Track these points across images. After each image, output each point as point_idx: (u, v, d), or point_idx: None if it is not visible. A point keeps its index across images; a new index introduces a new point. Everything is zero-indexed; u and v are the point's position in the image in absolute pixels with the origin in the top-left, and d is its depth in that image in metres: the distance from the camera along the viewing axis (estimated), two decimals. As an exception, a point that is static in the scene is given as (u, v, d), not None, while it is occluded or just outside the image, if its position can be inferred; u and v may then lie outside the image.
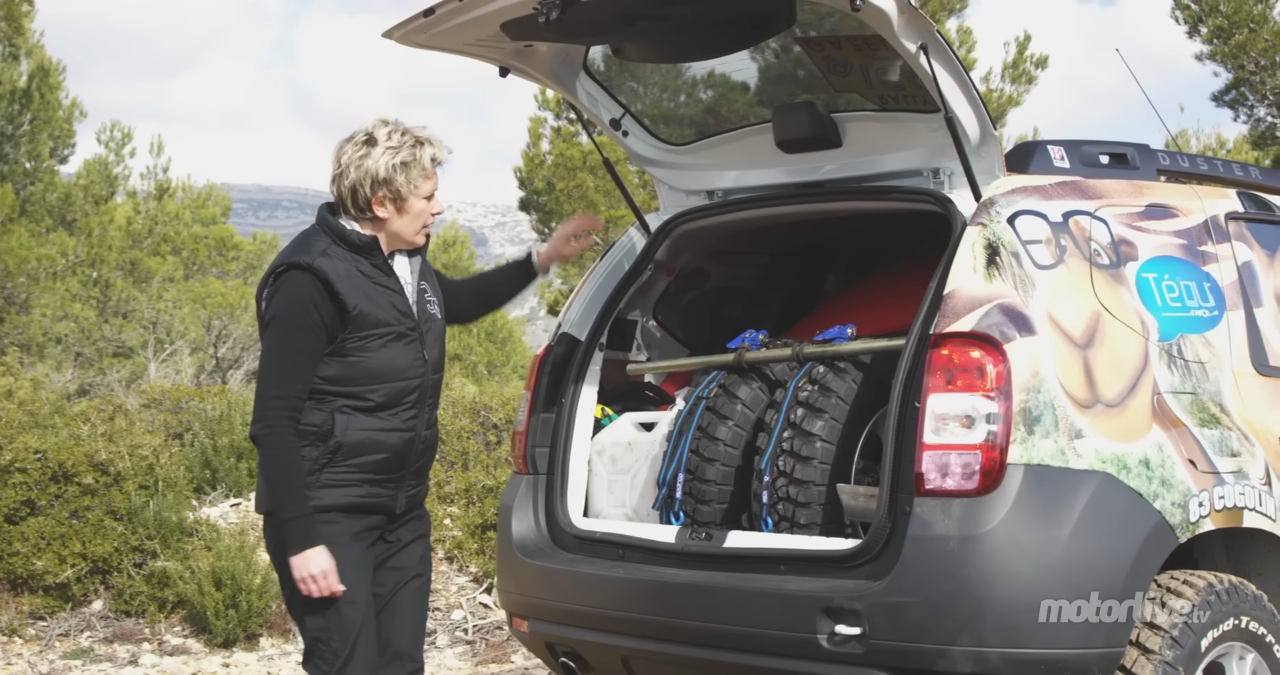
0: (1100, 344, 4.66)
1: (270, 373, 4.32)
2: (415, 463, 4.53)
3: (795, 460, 4.93)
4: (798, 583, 4.65)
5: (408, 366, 4.45)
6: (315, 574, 4.27)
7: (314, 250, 4.37)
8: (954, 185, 5.00)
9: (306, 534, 4.28)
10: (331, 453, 4.34)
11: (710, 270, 6.23)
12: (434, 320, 4.60)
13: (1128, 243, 4.96)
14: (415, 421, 4.49)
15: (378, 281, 4.43)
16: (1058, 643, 4.33)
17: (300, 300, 4.29)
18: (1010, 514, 4.33)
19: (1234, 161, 5.92)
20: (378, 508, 4.47)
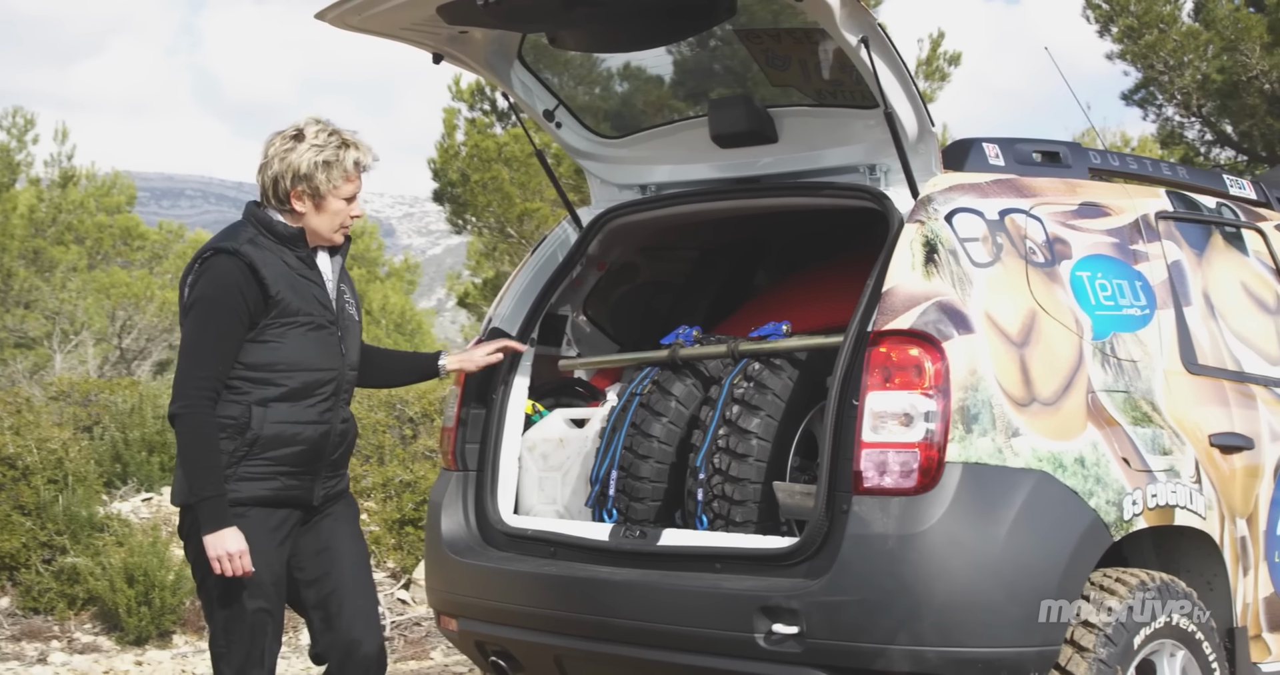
0: (1036, 342, 4.66)
1: (191, 354, 4.37)
2: (331, 455, 4.58)
3: (731, 458, 4.89)
4: (734, 581, 4.62)
5: (325, 357, 4.52)
6: (231, 552, 4.31)
7: (241, 238, 4.46)
8: (890, 182, 4.98)
9: (221, 514, 4.32)
10: (249, 445, 4.39)
11: (641, 265, 6.18)
12: (351, 320, 4.69)
13: (1062, 241, 4.97)
14: (330, 415, 4.55)
15: (301, 273, 4.51)
16: (995, 641, 4.33)
17: (225, 284, 4.37)
18: (948, 513, 4.32)
19: (1162, 161, 5.96)
20: (294, 501, 4.53)
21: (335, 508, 4.68)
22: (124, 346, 23.04)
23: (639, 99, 5.80)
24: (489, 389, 5.50)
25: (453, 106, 19.52)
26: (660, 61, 5.49)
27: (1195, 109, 16.56)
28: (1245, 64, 15.39)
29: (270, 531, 4.45)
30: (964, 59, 19.24)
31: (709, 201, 5.51)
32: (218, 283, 4.37)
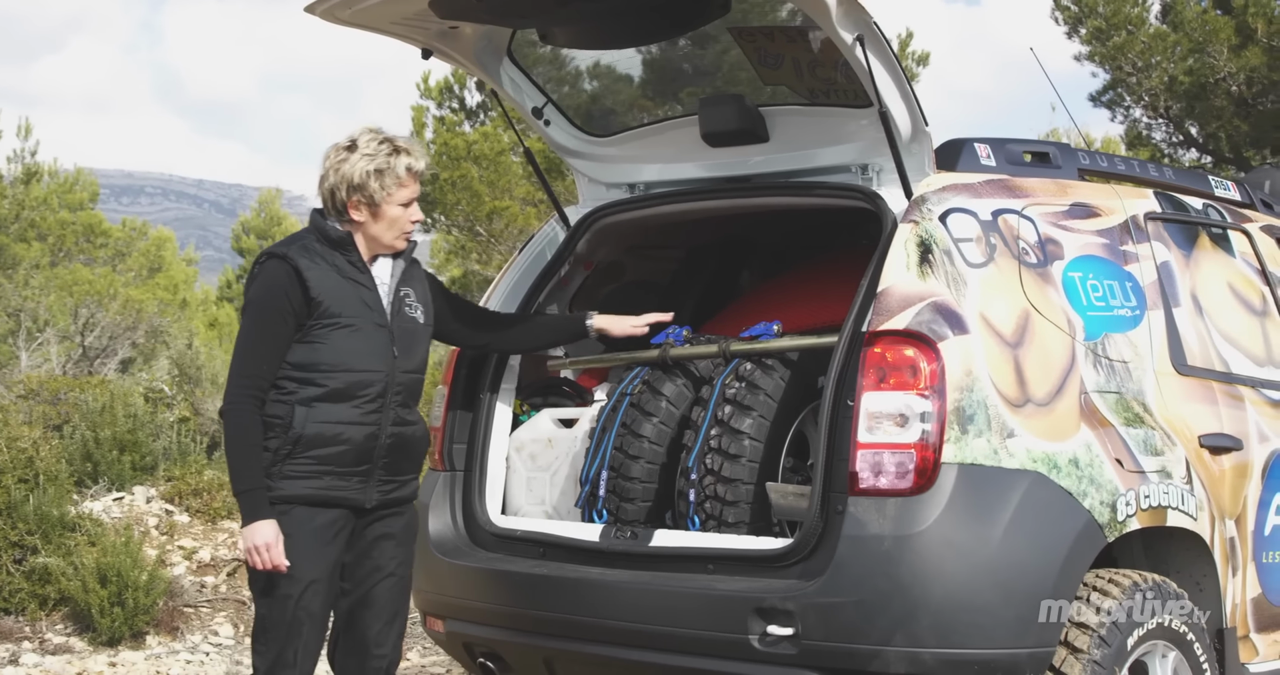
0: (1030, 343, 4.65)
1: (238, 354, 4.49)
2: (383, 458, 4.57)
3: (723, 458, 4.87)
4: (727, 582, 4.60)
5: (370, 359, 4.53)
6: (259, 545, 4.38)
7: (296, 244, 4.57)
8: (883, 182, 4.97)
9: (256, 507, 4.39)
10: (292, 444, 4.44)
11: (627, 264, 6.15)
12: (411, 322, 4.69)
13: (1054, 242, 4.97)
14: (378, 416, 4.54)
15: (349, 276, 4.58)
16: (991, 643, 4.32)
17: (272, 286, 4.47)
18: (945, 513, 4.31)
19: (1150, 162, 5.97)
20: (342, 501, 4.53)
21: (395, 526, 4.68)
22: (87, 344, 22.85)
23: (629, 97, 5.77)
24: (476, 389, 5.46)
25: (421, 104, 19.43)
26: (651, 60, 5.46)
27: (1163, 110, 16.61)
28: (1213, 66, 15.44)
29: (314, 531, 4.47)
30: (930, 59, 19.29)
31: (698, 201, 5.49)
32: (265, 286, 4.49)
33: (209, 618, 9.16)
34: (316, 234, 4.60)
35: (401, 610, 4.75)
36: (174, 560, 9.58)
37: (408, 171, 4.58)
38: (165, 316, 24.81)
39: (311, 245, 4.56)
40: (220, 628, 9.05)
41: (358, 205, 4.57)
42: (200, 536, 10.12)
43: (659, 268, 6.32)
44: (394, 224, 4.60)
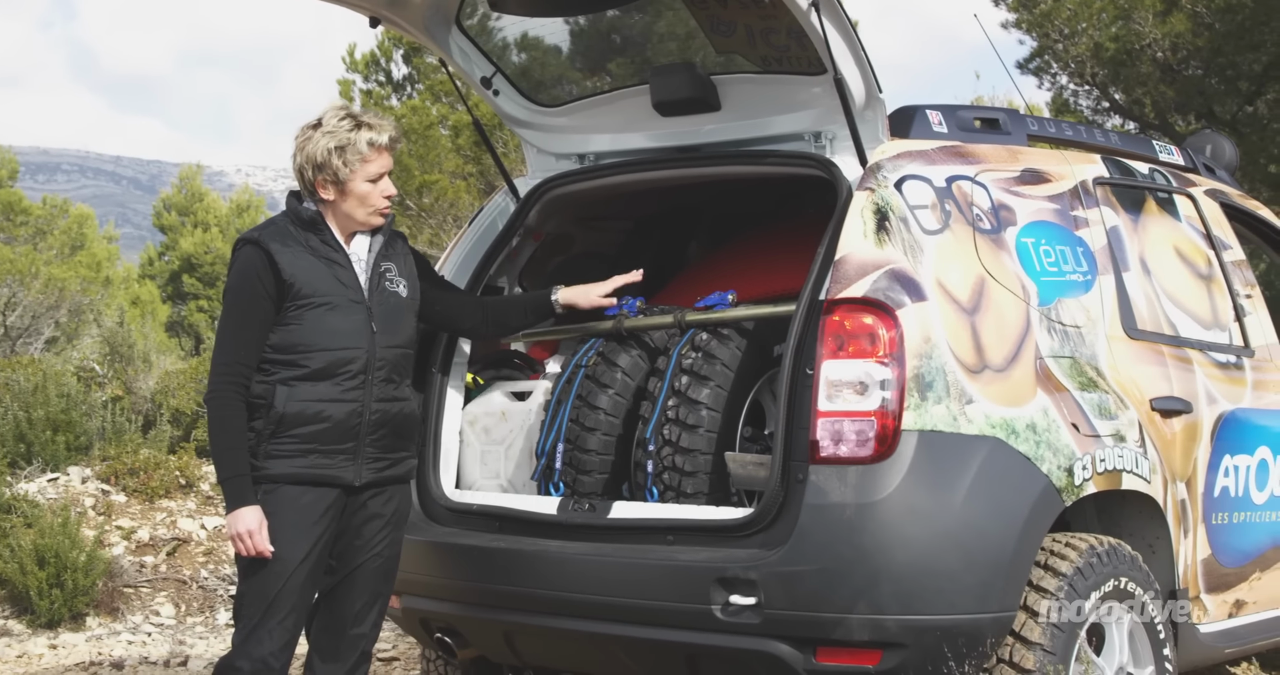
0: (986, 309, 4.66)
1: (219, 341, 4.51)
2: (369, 435, 4.55)
3: (681, 429, 4.85)
4: (689, 553, 4.58)
5: (346, 336, 4.51)
6: (242, 531, 4.38)
7: (270, 228, 4.58)
8: (836, 150, 4.96)
9: (240, 493, 4.41)
10: (275, 423, 4.44)
11: (576, 235, 6.11)
12: (392, 297, 4.67)
13: (1006, 208, 4.97)
14: (359, 393, 4.52)
15: (323, 256, 4.56)
16: (953, 608, 4.33)
17: (246, 272, 4.49)
18: (905, 480, 4.31)
19: (1095, 127, 5.98)
20: (330, 479, 4.51)
21: (386, 506, 4.66)
22: (9, 324, 22.50)
23: (578, 66, 5.72)
24: (427, 363, 5.39)
25: (347, 78, 19.27)
26: (601, 27, 5.41)
27: (1089, 77, 16.71)
28: (1138, 32, 15.54)
29: (301, 509, 4.46)
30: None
31: (648, 171, 5.45)
32: (240, 273, 4.51)
33: (149, 598, 9.06)
34: (291, 216, 4.60)
35: (384, 592, 4.72)
36: (112, 540, 9.47)
37: (370, 146, 4.54)
38: (88, 295, 24.50)
39: (286, 228, 4.56)
40: (161, 608, 8.96)
41: (324, 184, 4.56)
42: (138, 516, 10.00)
43: (608, 238, 6.29)
44: (364, 200, 4.58)
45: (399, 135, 4.65)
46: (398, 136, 4.63)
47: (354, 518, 4.61)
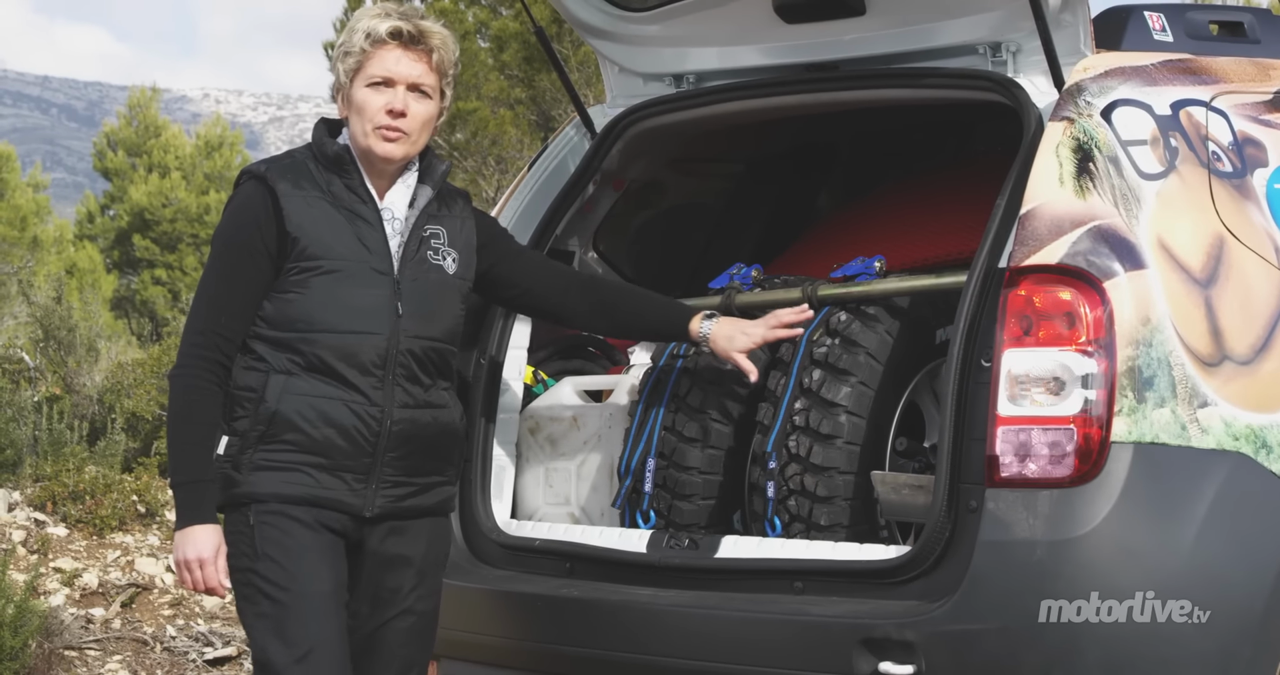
0: (1226, 280, 4.66)
1: (197, 301, 4.54)
2: (389, 451, 4.52)
3: (812, 440, 4.89)
4: (823, 605, 4.62)
5: (364, 317, 4.50)
6: (190, 558, 4.38)
7: (283, 161, 4.58)
8: (1021, 66, 5.00)
9: (195, 504, 4.41)
10: (265, 423, 4.43)
11: (668, 183, 6.18)
12: (434, 270, 4.65)
13: (1254, 143, 4.98)
14: (380, 394, 4.50)
15: (346, 205, 4.56)
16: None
17: (242, 216, 4.52)
18: (1117, 509, 4.32)
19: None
20: (331, 505, 4.48)
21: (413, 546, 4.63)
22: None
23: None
24: (474, 352, 5.46)
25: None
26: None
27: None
28: None
29: (311, 526, 4.43)
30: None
31: (767, 97, 5.51)
32: (234, 216, 4.54)
33: (98, 663, 9.20)
34: (315, 150, 4.60)
35: (418, 661, 4.70)
36: (50, 587, 9.62)
37: (366, 37, 4.53)
38: (10, 262, 24.85)
39: (303, 164, 4.57)
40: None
41: (342, 102, 4.62)
42: (84, 555, 10.16)
43: (711, 187, 6.36)
44: (361, 113, 4.54)
45: (419, 27, 4.55)
46: (415, 30, 4.54)
47: (368, 562, 4.58)
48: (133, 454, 12.37)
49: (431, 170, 4.69)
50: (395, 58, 4.53)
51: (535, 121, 18.08)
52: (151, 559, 10.18)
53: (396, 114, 4.51)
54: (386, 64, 4.52)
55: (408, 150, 4.56)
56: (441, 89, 4.62)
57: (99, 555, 10.19)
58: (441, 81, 4.61)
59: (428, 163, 4.70)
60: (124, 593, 9.75)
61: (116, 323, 27.18)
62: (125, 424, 12.62)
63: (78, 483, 10.64)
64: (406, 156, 4.59)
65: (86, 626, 9.41)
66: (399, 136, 4.53)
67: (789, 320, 5.01)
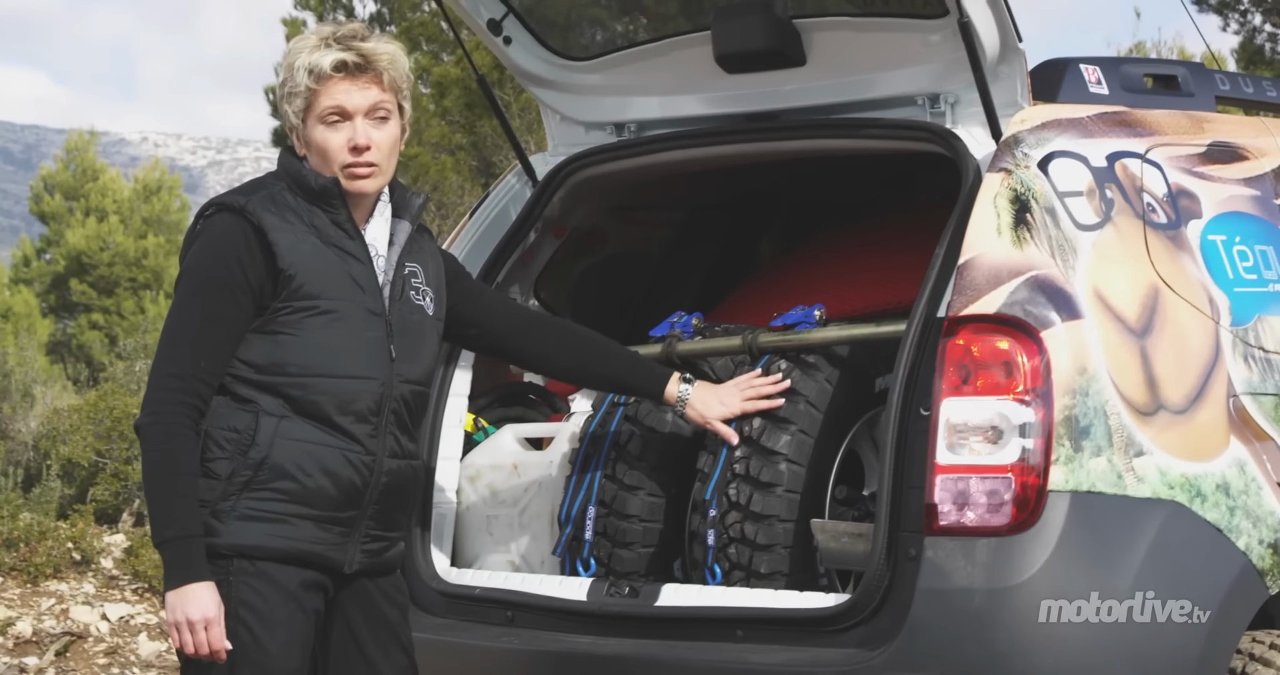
0: (1161, 330, 4.71)
1: (169, 344, 4.28)
2: (376, 503, 4.35)
3: (753, 488, 4.90)
4: (764, 653, 4.63)
5: (360, 361, 4.32)
6: (195, 619, 4.11)
7: (259, 193, 4.34)
8: (959, 117, 5.03)
9: (189, 562, 4.14)
10: (253, 468, 4.20)
11: (610, 231, 6.19)
12: (416, 312, 4.48)
13: (1188, 194, 5.03)
14: (375, 443, 4.33)
15: (334, 242, 4.35)
16: (1119, 729, 4.39)
17: (221, 250, 4.26)
18: (1054, 558, 4.35)
19: (1311, 85, 6.02)
20: (316, 560, 4.29)
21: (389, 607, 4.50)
22: None
23: (618, 6, 5.80)
24: (415, 399, 5.46)
25: (296, 17, 19.48)
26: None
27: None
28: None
29: (293, 595, 4.24)
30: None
31: (708, 146, 5.54)
32: (211, 250, 4.28)
33: (33, 713, 9.16)
34: (290, 180, 4.38)
35: None
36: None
37: (309, 74, 4.31)
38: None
39: (281, 196, 4.34)
40: (49, 729, 9.05)
41: (298, 142, 4.42)
42: (17, 603, 10.10)
43: (652, 235, 6.38)
44: (325, 155, 4.34)
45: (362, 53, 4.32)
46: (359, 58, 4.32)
47: (338, 625, 4.42)
48: (68, 501, 12.30)
49: (407, 204, 4.50)
50: (344, 90, 4.31)
51: (476, 167, 18.10)
52: (87, 607, 10.13)
53: (361, 149, 4.32)
54: (337, 98, 4.31)
55: (380, 182, 4.38)
56: (400, 105, 4.41)
57: (33, 604, 10.13)
58: (398, 97, 4.40)
59: (399, 195, 4.51)
60: (58, 641, 9.69)
61: (52, 367, 27.02)
62: (61, 470, 12.55)
63: (12, 530, 10.58)
64: (379, 188, 4.40)
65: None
66: (370, 171, 4.34)
67: (767, 392, 4.98)
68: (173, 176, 42.30)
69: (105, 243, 37.26)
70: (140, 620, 10.02)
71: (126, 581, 10.55)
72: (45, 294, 37.65)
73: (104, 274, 36.67)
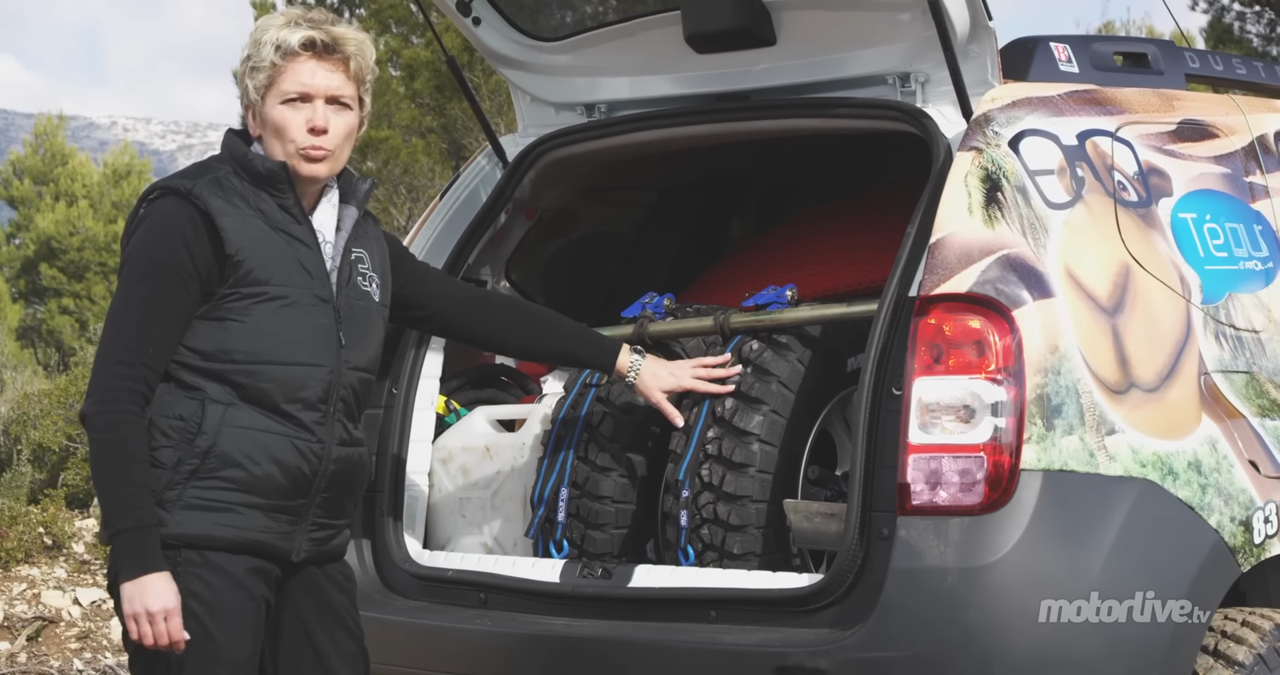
0: (1132, 308, 4.72)
1: (116, 330, 4.19)
2: (324, 491, 4.31)
3: (725, 468, 4.90)
4: (737, 634, 4.63)
5: (309, 348, 4.27)
6: (153, 610, 4.06)
7: (205, 177, 4.27)
8: (930, 96, 5.04)
9: (143, 552, 4.07)
10: (200, 457, 4.15)
11: (581, 212, 6.19)
12: (363, 299, 4.44)
13: (1159, 173, 5.04)
14: (324, 430, 4.28)
15: (282, 227, 4.29)
16: (1091, 707, 4.39)
17: (168, 235, 4.19)
18: (1027, 537, 4.35)
19: (1276, 63, 6.04)
20: (268, 549, 4.25)
21: (336, 595, 4.45)
22: None
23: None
24: (386, 381, 5.44)
25: (265, 0, 19.39)
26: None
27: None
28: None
29: (241, 584, 4.19)
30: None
31: (679, 126, 5.54)
32: (157, 235, 4.20)
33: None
34: (235, 164, 4.31)
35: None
36: (-48, 622, 9.56)
37: (276, 50, 4.25)
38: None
39: (227, 180, 4.27)
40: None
41: (253, 118, 4.34)
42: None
43: (623, 216, 6.38)
44: (280, 134, 4.27)
45: (332, 35, 4.29)
46: (329, 38, 4.28)
47: (287, 615, 4.38)
48: (39, 486, 12.27)
49: (355, 190, 4.47)
50: (310, 70, 4.26)
51: (447, 150, 18.08)
52: (58, 592, 10.11)
53: (319, 131, 4.27)
54: (301, 78, 4.26)
55: (333, 167, 4.34)
56: (360, 97, 4.37)
57: (4, 588, 10.12)
58: (360, 89, 4.36)
59: (346, 180, 4.47)
60: (30, 626, 9.68)
61: (23, 352, 26.93)
62: (31, 455, 12.53)
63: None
64: (331, 173, 4.36)
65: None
66: (324, 155, 4.29)
67: (718, 375, 4.99)
68: (142, 160, 42.25)
69: (75, 227, 37.19)
70: (112, 605, 10.00)
71: (98, 566, 10.53)
72: (15, 279, 37.58)
73: (74, 259, 36.61)
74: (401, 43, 18.23)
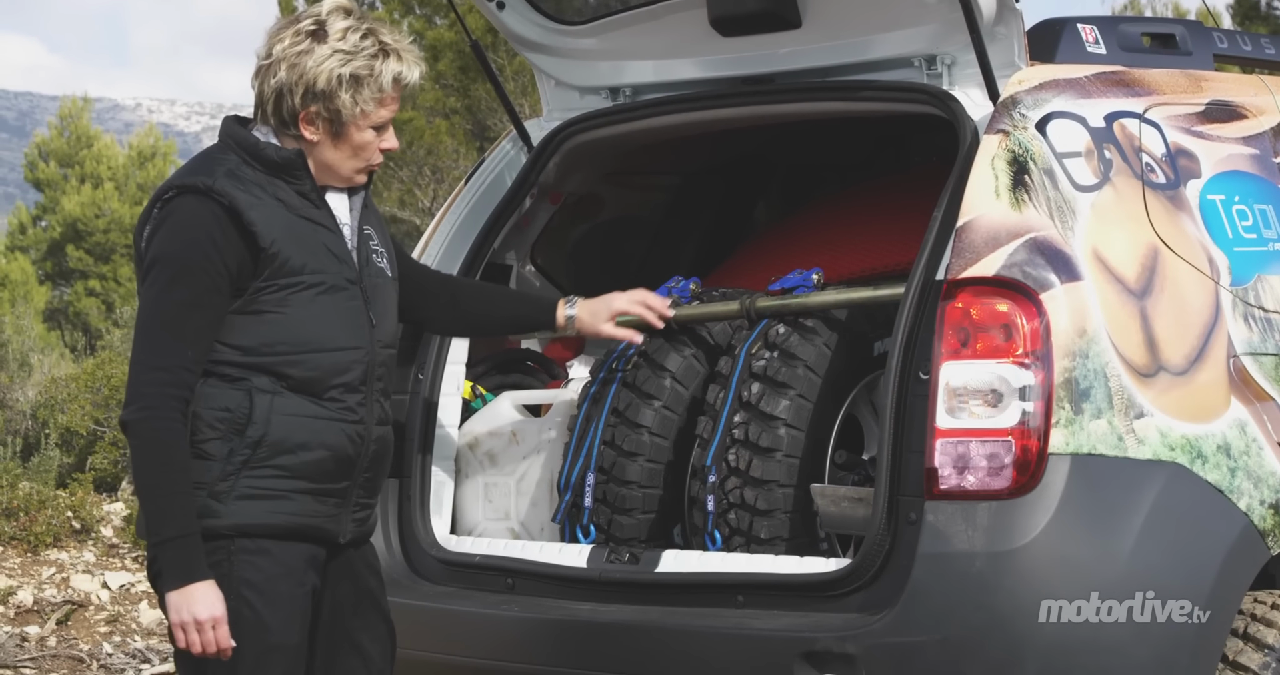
0: (1161, 291, 4.70)
1: (150, 336, 4.14)
2: (366, 471, 4.33)
3: (752, 453, 4.90)
4: (765, 619, 4.64)
5: (347, 331, 4.28)
6: (201, 619, 4.05)
7: (217, 170, 4.21)
8: (956, 79, 5.01)
9: (190, 562, 4.06)
10: (252, 446, 4.15)
11: (606, 196, 6.19)
12: (381, 276, 4.44)
13: (1187, 154, 5.02)
14: (364, 411, 4.30)
15: (304, 214, 4.26)
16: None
17: (194, 235, 4.13)
18: (1055, 521, 4.35)
19: (1310, 42, 6.00)
20: (318, 533, 4.26)
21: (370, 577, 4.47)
22: None
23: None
24: (412, 367, 5.45)
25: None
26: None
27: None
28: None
29: (292, 571, 4.21)
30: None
31: (703, 110, 5.53)
32: (184, 235, 4.13)
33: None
34: (245, 154, 4.25)
35: None
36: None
37: (395, 83, 4.25)
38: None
39: (241, 171, 4.21)
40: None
41: (314, 119, 4.23)
42: (17, 572, 10.10)
43: (648, 200, 6.38)
44: (359, 152, 4.30)
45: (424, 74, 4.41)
46: (424, 75, 4.39)
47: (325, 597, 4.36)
48: (67, 469, 12.30)
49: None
50: (396, 105, 4.37)
51: (471, 131, 18.08)
52: (87, 576, 10.13)
53: (390, 153, 4.41)
54: (394, 109, 4.35)
55: None
56: None
57: (34, 572, 10.14)
58: None
59: None
60: (59, 610, 9.70)
61: (50, 335, 27.00)
62: (59, 439, 12.55)
63: (11, 499, 10.57)
64: None
65: (21, 644, 9.36)
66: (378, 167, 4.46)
67: (655, 304, 5.05)
68: (167, 143, 42.29)
69: (101, 209, 37.25)
70: (141, 588, 10.02)
71: (126, 549, 10.56)
72: (41, 261, 37.66)
73: (100, 241, 36.67)
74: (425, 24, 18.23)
